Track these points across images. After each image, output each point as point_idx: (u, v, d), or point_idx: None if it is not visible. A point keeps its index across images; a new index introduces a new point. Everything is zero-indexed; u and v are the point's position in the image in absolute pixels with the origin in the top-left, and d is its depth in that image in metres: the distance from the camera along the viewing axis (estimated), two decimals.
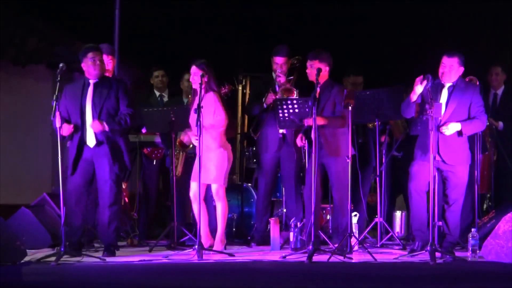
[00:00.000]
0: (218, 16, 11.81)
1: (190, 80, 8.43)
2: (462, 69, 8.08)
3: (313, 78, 8.32)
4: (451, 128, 7.95)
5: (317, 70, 8.17)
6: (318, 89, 8.09)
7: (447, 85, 8.09)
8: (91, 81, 8.10)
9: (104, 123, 7.96)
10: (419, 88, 7.91)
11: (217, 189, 8.39)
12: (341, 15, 11.57)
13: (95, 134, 8.00)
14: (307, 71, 8.49)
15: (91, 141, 8.02)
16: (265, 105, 9.02)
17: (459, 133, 7.99)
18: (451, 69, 8.04)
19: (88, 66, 8.06)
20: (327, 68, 8.44)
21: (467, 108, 8.05)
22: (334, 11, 11.55)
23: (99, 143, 8.01)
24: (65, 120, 7.96)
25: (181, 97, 9.68)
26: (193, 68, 8.35)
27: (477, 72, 8.95)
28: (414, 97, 7.96)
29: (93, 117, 8.00)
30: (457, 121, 7.98)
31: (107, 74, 8.73)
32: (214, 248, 8.30)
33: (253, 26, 11.78)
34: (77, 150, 7.99)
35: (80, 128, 8.03)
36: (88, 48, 8.12)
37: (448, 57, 8.05)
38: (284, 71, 9.10)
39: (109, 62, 8.83)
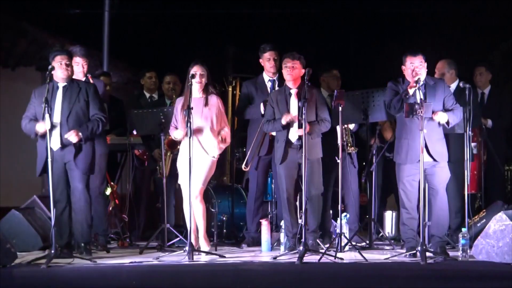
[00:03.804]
0: (208, 18, 11.83)
1: (198, 81, 8.30)
2: (425, 65, 8.09)
3: (294, 78, 8.33)
4: (440, 117, 7.92)
5: (307, 71, 8.15)
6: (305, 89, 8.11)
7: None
8: (60, 85, 8.07)
9: (79, 133, 7.93)
10: (411, 90, 7.90)
11: (203, 191, 8.40)
12: (332, 17, 11.62)
13: (61, 137, 7.95)
14: (289, 71, 8.35)
15: (55, 144, 7.94)
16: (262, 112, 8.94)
17: (447, 123, 7.96)
18: (421, 67, 8.02)
19: (56, 70, 8.02)
20: (303, 71, 8.43)
21: (441, 103, 8.04)
22: (325, 13, 11.59)
23: (63, 146, 7.97)
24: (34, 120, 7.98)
25: (163, 99, 9.65)
26: (199, 68, 8.30)
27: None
28: (410, 91, 7.92)
29: (62, 120, 7.96)
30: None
31: (81, 76, 8.67)
32: (202, 248, 8.30)
33: (243, 28, 11.80)
34: (46, 152, 7.84)
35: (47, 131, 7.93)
36: (56, 52, 8.13)
37: (414, 56, 8.01)
38: (277, 65, 9.02)
39: (84, 65, 8.77)
